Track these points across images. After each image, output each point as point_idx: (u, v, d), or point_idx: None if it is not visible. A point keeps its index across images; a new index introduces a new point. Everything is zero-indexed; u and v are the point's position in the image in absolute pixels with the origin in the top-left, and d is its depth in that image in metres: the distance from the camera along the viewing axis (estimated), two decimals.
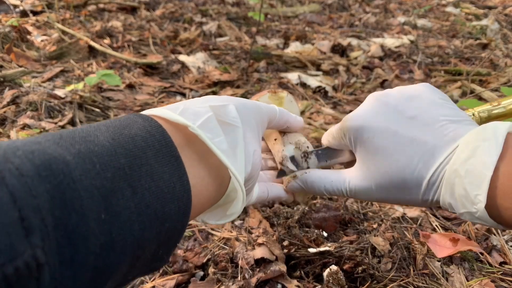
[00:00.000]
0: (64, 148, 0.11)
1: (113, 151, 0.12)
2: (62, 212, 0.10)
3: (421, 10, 1.73)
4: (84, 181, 0.11)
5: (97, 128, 0.13)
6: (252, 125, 0.18)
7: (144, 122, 0.14)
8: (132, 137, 0.13)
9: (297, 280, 0.37)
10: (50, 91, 0.73)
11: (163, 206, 0.12)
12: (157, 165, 0.13)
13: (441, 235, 0.44)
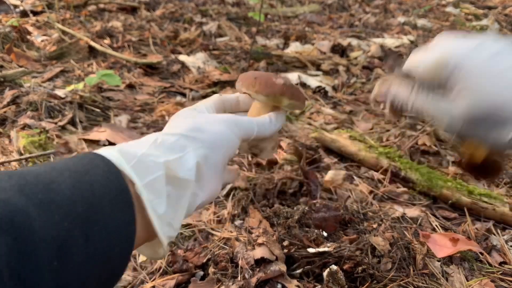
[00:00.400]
0: (28, 198, 0.12)
1: (72, 200, 0.13)
2: (18, 263, 0.11)
3: (421, 10, 1.73)
4: (42, 232, 0.12)
5: (60, 174, 0.14)
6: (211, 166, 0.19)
7: (104, 166, 0.15)
8: (91, 184, 0.14)
9: (297, 280, 0.37)
10: (50, 91, 0.73)
11: (110, 249, 0.14)
12: (111, 211, 0.14)
13: (441, 235, 0.44)
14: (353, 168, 0.60)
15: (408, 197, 0.53)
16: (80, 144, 0.59)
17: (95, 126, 0.66)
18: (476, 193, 0.52)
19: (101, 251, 0.14)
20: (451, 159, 0.64)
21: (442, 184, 0.53)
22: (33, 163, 0.54)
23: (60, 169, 0.14)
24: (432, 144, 0.66)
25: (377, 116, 0.81)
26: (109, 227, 0.14)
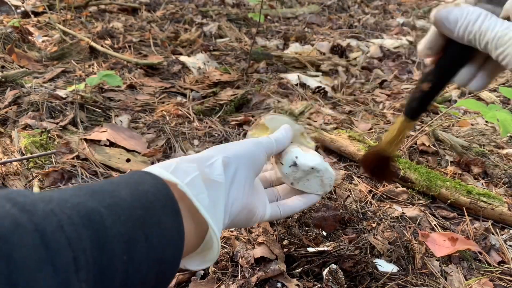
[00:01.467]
0: (98, 201, 0.15)
1: (132, 205, 0.16)
2: (98, 253, 0.14)
3: (420, 11, 1.74)
4: (113, 229, 0.14)
5: (118, 185, 0.17)
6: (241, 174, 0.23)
7: (153, 180, 0.18)
8: (145, 192, 0.17)
9: (296, 279, 0.38)
10: (52, 92, 0.73)
11: (164, 251, 0.16)
12: (163, 216, 0.17)
13: (440, 234, 0.44)
14: (352, 168, 0.60)
15: (407, 196, 0.54)
16: (81, 144, 0.59)
17: (96, 126, 0.67)
18: (475, 193, 0.52)
19: (158, 250, 0.16)
20: (450, 159, 0.65)
21: (441, 184, 0.53)
22: (34, 163, 0.54)
23: (117, 182, 0.17)
24: (430, 144, 0.67)
25: (376, 117, 0.81)
26: (163, 230, 0.16)
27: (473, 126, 0.77)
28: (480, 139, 0.71)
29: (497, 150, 0.69)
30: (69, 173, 0.53)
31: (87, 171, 0.54)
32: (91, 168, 0.55)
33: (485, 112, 0.54)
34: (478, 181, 0.60)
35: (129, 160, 0.58)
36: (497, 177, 0.61)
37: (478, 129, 0.75)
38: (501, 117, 0.52)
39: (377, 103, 0.90)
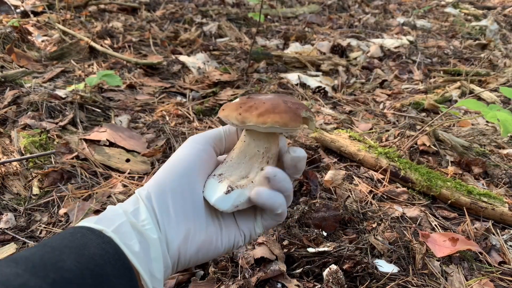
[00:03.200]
0: (41, 278, 0.14)
1: (80, 274, 0.15)
2: None
3: (421, 11, 1.74)
4: None
5: (62, 252, 0.16)
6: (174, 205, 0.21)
7: (97, 239, 0.18)
8: (91, 257, 0.16)
9: (296, 279, 0.37)
10: (51, 92, 0.73)
11: None
12: (115, 278, 0.17)
13: (441, 234, 0.44)
14: (352, 168, 0.60)
15: (407, 197, 0.53)
16: (80, 144, 0.59)
17: (95, 126, 0.67)
18: (475, 193, 0.52)
19: None
20: (451, 159, 0.64)
21: (441, 184, 0.53)
22: (33, 163, 0.54)
23: (60, 248, 0.16)
24: (431, 144, 0.66)
25: (376, 116, 0.81)
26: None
27: (474, 126, 0.77)
28: (481, 139, 0.71)
29: (498, 150, 0.68)
30: (68, 173, 0.53)
31: (87, 171, 0.54)
32: (90, 168, 0.55)
33: (486, 112, 0.54)
34: (479, 181, 0.59)
35: (129, 160, 0.57)
36: (497, 177, 0.60)
37: (479, 129, 0.74)
38: (501, 117, 0.52)
39: (377, 103, 0.89)
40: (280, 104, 0.22)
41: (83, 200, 0.49)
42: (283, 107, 0.22)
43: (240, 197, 0.22)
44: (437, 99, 0.90)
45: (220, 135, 0.24)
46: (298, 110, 0.22)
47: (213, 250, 0.22)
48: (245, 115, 0.21)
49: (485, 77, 1.03)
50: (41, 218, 0.46)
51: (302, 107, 0.22)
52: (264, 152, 0.23)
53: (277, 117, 0.21)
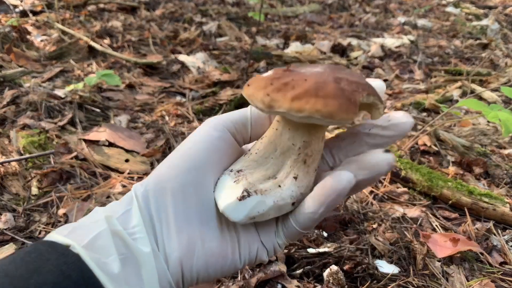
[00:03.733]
0: None
1: None
2: None
3: (421, 10, 1.73)
4: None
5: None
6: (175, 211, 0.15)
7: (57, 259, 0.12)
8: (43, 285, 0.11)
9: (297, 280, 0.37)
10: (50, 91, 0.72)
11: None
12: None
13: (441, 235, 0.44)
14: None
15: (408, 197, 0.53)
16: (80, 144, 0.59)
17: (94, 126, 0.66)
18: (477, 193, 0.51)
19: None
20: (452, 159, 0.64)
21: (442, 184, 0.53)
22: (32, 163, 0.54)
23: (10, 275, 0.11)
24: (432, 144, 0.66)
25: None
26: None
27: (475, 126, 0.76)
28: (482, 139, 0.71)
29: (499, 150, 0.68)
30: (67, 173, 0.53)
31: (86, 171, 0.54)
32: (90, 168, 0.54)
33: (487, 112, 0.53)
34: (480, 182, 0.59)
35: (128, 160, 0.57)
36: (498, 178, 0.60)
37: (480, 129, 0.74)
38: (503, 117, 0.51)
39: None
40: (328, 83, 0.14)
41: (83, 200, 0.48)
42: (331, 89, 0.14)
43: (259, 207, 0.16)
44: (438, 98, 0.90)
45: (245, 118, 0.18)
46: (354, 93, 0.14)
47: (229, 264, 0.16)
48: (275, 97, 0.14)
49: (486, 76, 1.03)
50: (40, 219, 0.46)
51: (363, 88, 0.15)
52: (301, 148, 0.16)
53: (319, 103, 0.14)
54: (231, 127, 0.18)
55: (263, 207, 0.16)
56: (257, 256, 0.18)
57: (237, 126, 0.18)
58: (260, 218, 0.17)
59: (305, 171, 0.17)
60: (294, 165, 0.17)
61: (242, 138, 0.19)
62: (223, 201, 0.17)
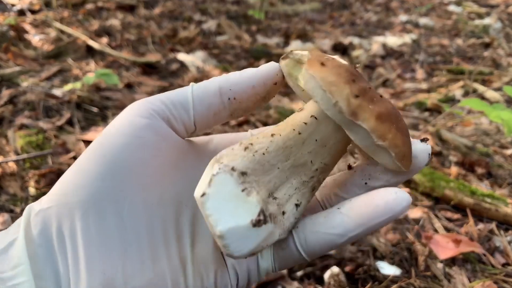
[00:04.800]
0: None
1: None
2: None
3: (423, 9, 1.71)
4: None
5: None
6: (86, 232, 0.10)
7: None
8: None
9: (298, 282, 0.37)
10: (48, 91, 0.72)
11: None
12: None
13: (443, 236, 0.44)
14: None
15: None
16: (78, 144, 0.58)
17: (93, 126, 0.66)
18: (479, 194, 0.51)
19: None
20: (454, 159, 0.64)
21: (444, 185, 0.52)
22: (30, 164, 0.53)
23: None
24: (434, 144, 0.65)
25: None
26: None
27: (477, 125, 0.76)
28: (484, 139, 0.70)
29: (501, 151, 0.68)
30: None
31: None
32: None
33: (489, 111, 0.53)
34: (482, 182, 0.58)
35: None
36: (501, 178, 0.60)
37: (482, 129, 0.73)
38: (505, 116, 0.51)
39: None
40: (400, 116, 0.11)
41: None
42: (404, 125, 0.11)
43: (269, 239, 0.11)
44: (440, 98, 0.89)
45: (185, 99, 0.12)
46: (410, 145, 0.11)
47: None
48: (363, 104, 0.10)
49: (489, 76, 1.02)
50: None
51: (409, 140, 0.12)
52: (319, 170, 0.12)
53: (400, 139, 0.11)
54: (164, 111, 0.12)
55: (271, 240, 0.11)
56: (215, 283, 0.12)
57: (174, 110, 0.12)
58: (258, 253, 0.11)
59: (307, 200, 0.12)
60: (301, 189, 0.12)
61: (184, 126, 0.13)
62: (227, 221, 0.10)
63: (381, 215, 0.12)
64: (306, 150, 0.12)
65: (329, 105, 0.12)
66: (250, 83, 0.13)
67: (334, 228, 0.12)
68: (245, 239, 0.11)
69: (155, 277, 0.11)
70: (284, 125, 0.13)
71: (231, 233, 0.11)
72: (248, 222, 0.11)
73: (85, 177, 0.11)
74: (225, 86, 0.13)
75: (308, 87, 0.12)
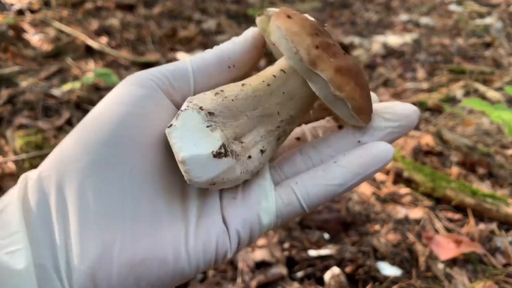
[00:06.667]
0: None
1: None
2: None
3: (424, 8, 1.71)
4: None
5: None
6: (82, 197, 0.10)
7: None
8: None
9: (298, 282, 0.37)
10: (47, 91, 0.71)
11: None
12: None
13: (444, 236, 0.43)
14: None
15: (411, 198, 0.52)
16: None
17: None
18: (480, 194, 0.51)
19: None
20: (455, 159, 0.63)
21: (445, 185, 0.52)
22: (29, 164, 0.53)
23: None
24: (435, 145, 0.65)
25: None
26: None
27: (478, 125, 0.75)
28: (485, 139, 0.70)
29: (503, 151, 0.67)
30: None
31: None
32: None
33: (490, 111, 0.53)
34: (483, 182, 0.58)
35: None
36: (502, 178, 0.59)
37: (483, 129, 0.73)
38: (506, 116, 0.51)
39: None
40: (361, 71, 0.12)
41: None
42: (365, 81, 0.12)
43: (229, 173, 0.12)
44: (441, 98, 0.89)
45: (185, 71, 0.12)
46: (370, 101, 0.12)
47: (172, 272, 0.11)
48: (323, 56, 0.11)
49: (490, 75, 1.01)
50: None
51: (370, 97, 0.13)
52: (285, 122, 0.13)
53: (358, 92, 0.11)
54: (163, 82, 0.12)
55: (231, 175, 0.12)
56: (217, 249, 0.11)
57: (174, 82, 0.13)
58: (218, 186, 0.12)
59: (273, 148, 0.13)
60: (266, 137, 0.13)
61: (182, 98, 0.13)
62: (189, 148, 0.11)
63: (375, 164, 0.13)
64: (274, 102, 0.13)
65: (291, 54, 0.12)
66: (245, 49, 0.14)
67: (335, 180, 0.13)
68: (205, 168, 0.11)
69: (155, 244, 0.11)
70: (255, 77, 0.14)
71: (192, 160, 0.11)
72: (209, 152, 0.12)
73: (85, 144, 0.11)
74: (223, 55, 0.14)
75: (274, 38, 0.13)
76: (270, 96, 0.13)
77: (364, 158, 0.13)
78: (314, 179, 0.13)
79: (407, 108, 0.14)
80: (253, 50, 0.14)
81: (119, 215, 0.11)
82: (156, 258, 0.11)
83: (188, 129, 0.12)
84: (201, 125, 0.12)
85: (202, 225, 0.12)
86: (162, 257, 0.11)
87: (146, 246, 0.11)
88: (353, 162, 0.13)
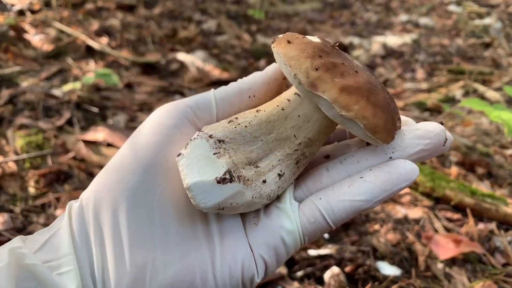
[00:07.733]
0: None
1: None
2: None
3: (423, 9, 1.71)
4: None
5: None
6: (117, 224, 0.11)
7: None
8: None
9: (297, 282, 0.37)
10: (48, 91, 0.72)
11: None
12: None
13: (444, 236, 0.44)
14: None
15: (410, 198, 0.53)
16: (77, 145, 0.58)
17: (92, 126, 0.66)
18: (479, 194, 0.51)
19: None
20: (454, 159, 0.64)
21: (445, 185, 0.52)
22: (30, 164, 0.53)
23: None
24: None
25: None
26: None
27: (478, 125, 0.76)
28: (485, 139, 0.70)
29: (502, 151, 0.67)
30: (65, 173, 0.52)
31: (84, 171, 0.53)
32: (87, 168, 0.54)
33: (490, 111, 0.53)
34: (482, 182, 0.58)
35: None
36: (501, 178, 0.60)
37: (483, 129, 0.73)
38: (505, 116, 0.51)
39: None
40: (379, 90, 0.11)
41: None
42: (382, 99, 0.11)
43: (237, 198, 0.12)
44: (441, 98, 0.89)
45: (209, 100, 0.14)
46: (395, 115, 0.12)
47: None
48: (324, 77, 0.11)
49: (489, 75, 1.02)
50: (37, 220, 0.46)
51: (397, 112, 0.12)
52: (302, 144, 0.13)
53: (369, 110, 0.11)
54: (189, 113, 0.14)
55: (240, 200, 0.12)
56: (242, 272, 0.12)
57: (198, 112, 0.14)
58: (229, 211, 0.12)
59: (292, 171, 0.13)
60: (284, 161, 0.13)
61: (206, 125, 0.14)
62: (194, 175, 0.11)
63: (402, 182, 0.14)
64: (289, 125, 0.14)
65: (291, 78, 0.13)
66: (265, 80, 0.16)
67: (361, 195, 0.13)
68: (209, 193, 0.12)
69: (183, 268, 0.12)
70: (270, 102, 0.15)
71: (197, 186, 0.12)
72: (212, 179, 0.12)
73: (119, 174, 0.13)
74: (244, 86, 0.16)
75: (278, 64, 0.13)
76: (285, 119, 0.14)
77: (392, 175, 0.13)
78: (339, 194, 0.13)
79: (436, 126, 0.14)
80: (273, 81, 0.16)
81: (149, 239, 0.12)
82: (185, 281, 0.12)
83: (195, 156, 0.12)
84: (208, 153, 0.12)
85: (227, 249, 0.13)
86: (191, 280, 0.12)
87: (175, 270, 0.12)
88: (380, 178, 0.13)
